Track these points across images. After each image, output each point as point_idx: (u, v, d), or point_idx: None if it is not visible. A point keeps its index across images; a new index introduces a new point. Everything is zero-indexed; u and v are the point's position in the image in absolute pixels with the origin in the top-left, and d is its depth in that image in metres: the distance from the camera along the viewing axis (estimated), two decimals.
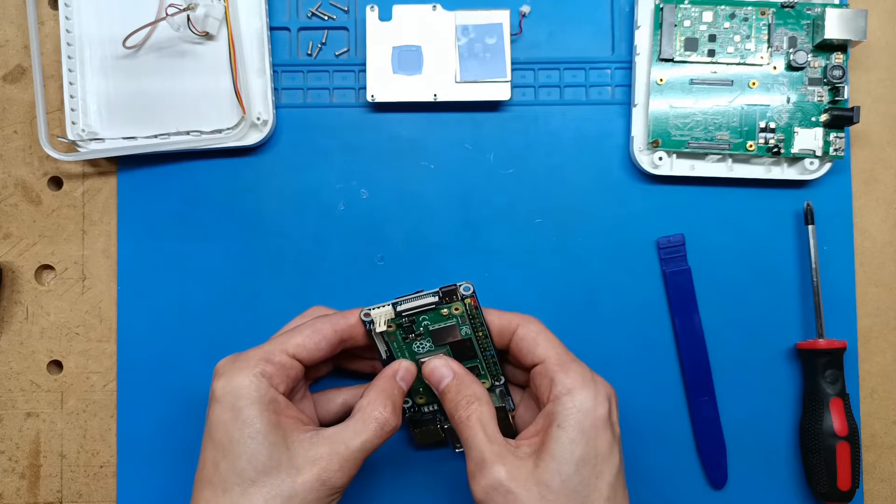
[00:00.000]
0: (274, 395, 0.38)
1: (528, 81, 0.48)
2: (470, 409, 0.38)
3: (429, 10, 0.47)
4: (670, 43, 0.46)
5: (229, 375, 0.38)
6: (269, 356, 0.39)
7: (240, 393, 0.37)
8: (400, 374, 0.41)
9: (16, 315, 0.48)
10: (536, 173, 0.48)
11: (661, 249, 0.47)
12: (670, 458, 0.47)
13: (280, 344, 0.39)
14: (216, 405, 0.38)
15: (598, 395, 0.37)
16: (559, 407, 0.37)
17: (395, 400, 0.39)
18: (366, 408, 0.38)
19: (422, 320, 0.40)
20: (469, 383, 0.40)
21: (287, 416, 0.38)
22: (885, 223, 0.48)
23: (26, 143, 0.49)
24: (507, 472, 0.36)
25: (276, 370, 0.38)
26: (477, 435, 0.37)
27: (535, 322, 0.41)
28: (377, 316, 0.40)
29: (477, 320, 0.40)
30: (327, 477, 0.36)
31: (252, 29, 0.47)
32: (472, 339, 0.41)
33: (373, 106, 0.48)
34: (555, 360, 0.39)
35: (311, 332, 0.40)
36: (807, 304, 0.47)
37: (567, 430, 0.36)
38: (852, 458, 0.44)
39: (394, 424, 0.39)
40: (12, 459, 0.48)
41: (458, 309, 0.40)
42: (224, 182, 0.48)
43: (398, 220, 0.48)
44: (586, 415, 0.37)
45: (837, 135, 0.46)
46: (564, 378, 0.38)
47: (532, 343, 0.40)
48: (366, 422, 0.38)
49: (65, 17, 0.47)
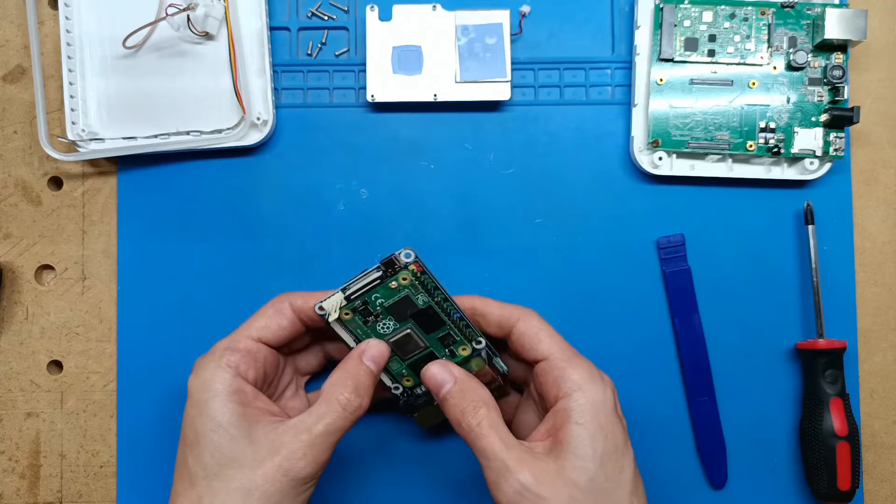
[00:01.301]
0: (240, 385, 0.38)
1: (528, 81, 0.48)
2: (479, 416, 0.37)
3: (429, 10, 0.47)
4: (670, 43, 0.46)
5: (198, 370, 0.38)
6: (233, 344, 0.39)
7: (205, 386, 0.37)
8: (368, 355, 0.39)
9: (16, 315, 0.48)
10: (536, 173, 0.48)
11: (660, 249, 0.47)
12: (670, 458, 0.47)
13: (244, 330, 0.40)
14: (188, 401, 0.38)
15: (606, 389, 0.37)
16: (572, 403, 0.36)
17: (358, 381, 0.38)
18: (327, 390, 0.38)
19: (375, 299, 0.39)
20: (473, 387, 0.39)
21: (254, 407, 0.38)
22: (885, 223, 0.48)
23: (26, 143, 0.49)
24: (534, 477, 0.35)
25: (242, 357, 0.38)
26: (494, 443, 0.36)
27: (534, 316, 0.40)
28: (329, 305, 0.39)
29: (430, 285, 0.39)
30: (290, 466, 0.36)
31: (252, 29, 0.47)
32: (431, 306, 0.39)
33: (373, 106, 0.48)
34: (560, 357, 0.38)
35: (272, 312, 0.40)
36: (807, 303, 0.47)
37: (586, 427, 0.36)
38: (852, 458, 0.44)
39: (356, 405, 0.37)
40: (12, 459, 0.48)
41: (406, 278, 0.38)
42: (224, 182, 0.48)
43: (398, 220, 0.48)
44: (600, 409, 0.36)
45: (837, 135, 0.46)
46: (573, 374, 0.37)
47: (534, 339, 0.39)
48: (328, 404, 0.37)
49: (65, 17, 0.47)
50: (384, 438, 0.47)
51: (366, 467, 0.47)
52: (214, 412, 0.36)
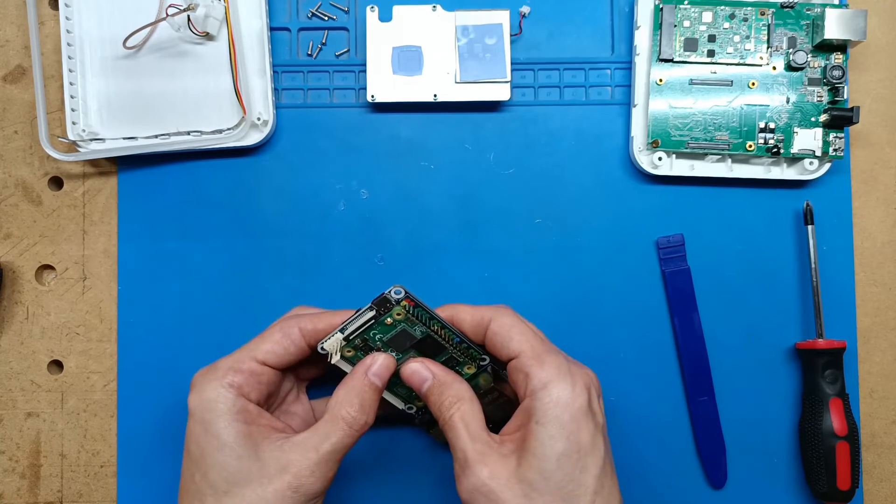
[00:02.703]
0: (243, 404, 0.38)
1: (527, 82, 0.48)
2: (452, 409, 0.38)
3: (429, 10, 0.47)
4: (670, 43, 0.46)
5: (199, 388, 0.38)
6: (237, 365, 0.39)
7: (208, 406, 0.37)
8: (372, 370, 0.39)
9: (16, 315, 0.48)
10: (536, 173, 0.48)
11: (660, 249, 0.47)
12: (670, 458, 0.47)
13: (249, 351, 0.39)
14: (190, 418, 0.38)
15: (576, 386, 0.36)
16: (536, 402, 0.36)
17: (364, 397, 0.38)
18: (333, 408, 0.38)
19: (374, 335, 0.40)
20: (450, 383, 0.39)
21: (259, 424, 0.38)
22: (884, 223, 0.48)
23: (27, 143, 0.49)
24: (490, 472, 0.35)
25: (246, 379, 0.38)
26: (460, 435, 0.37)
27: (508, 314, 0.39)
28: (331, 347, 0.39)
29: (424, 316, 0.39)
30: (299, 484, 0.36)
31: (252, 29, 0.47)
32: (429, 335, 0.40)
33: (373, 106, 0.48)
34: (529, 354, 0.37)
35: (280, 336, 0.40)
36: (806, 304, 0.47)
37: (545, 426, 0.35)
38: (852, 457, 0.44)
39: (363, 422, 0.38)
40: (13, 459, 0.48)
41: (400, 314, 0.39)
42: (224, 182, 0.48)
43: (398, 220, 0.48)
44: (564, 408, 0.36)
45: (837, 135, 0.46)
46: (539, 371, 0.37)
47: (505, 338, 0.38)
48: (334, 422, 0.37)
49: (65, 18, 0.47)
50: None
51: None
52: (219, 432, 0.37)
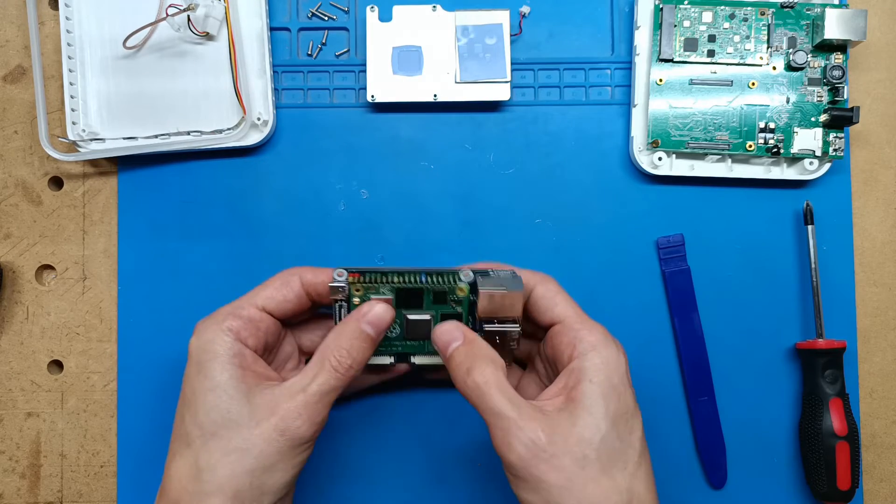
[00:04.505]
0: (240, 349, 0.38)
1: (527, 82, 0.48)
2: (486, 374, 0.36)
3: (429, 10, 0.47)
4: (670, 43, 0.46)
5: (199, 332, 0.38)
6: (237, 310, 0.39)
7: (205, 347, 0.37)
8: (368, 318, 0.38)
9: (16, 315, 0.48)
10: (536, 173, 0.48)
11: (660, 249, 0.47)
12: (670, 458, 0.47)
13: (249, 298, 0.40)
14: (188, 361, 0.38)
15: (620, 352, 0.38)
16: (587, 363, 0.37)
17: (353, 342, 0.38)
18: (321, 350, 0.38)
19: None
20: (481, 345, 0.38)
21: (253, 370, 0.38)
22: (884, 223, 0.48)
23: (27, 144, 0.49)
24: (546, 435, 0.35)
25: (244, 324, 0.38)
26: (501, 402, 0.35)
27: (552, 282, 0.40)
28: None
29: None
30: (286, 426, 0.36)
31: (252, 29, 0.47)
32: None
33: (373, 106, 0.48)
34: (576, 319, 0.38)
35: (279, 283, 0.40)
36: (806, 304, 0.47)
37: (600, 385, 0.36)
38: (852, 457, 0.44)
39: (348, 365, 0.37)
40: (13, 459, 0.48)
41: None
42: (224, 182, 0.48)
43: (398, 220, 0.48)
44: (615, 370, 0.37)
45: (837, 135, 0.46)
46: (588, 335, 0.37)
47: (551, 302, 0.39)
48: (322, 364, 0.37)
49: (65, 18, 0.47)
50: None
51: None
52: (213, 373, 0.37)
